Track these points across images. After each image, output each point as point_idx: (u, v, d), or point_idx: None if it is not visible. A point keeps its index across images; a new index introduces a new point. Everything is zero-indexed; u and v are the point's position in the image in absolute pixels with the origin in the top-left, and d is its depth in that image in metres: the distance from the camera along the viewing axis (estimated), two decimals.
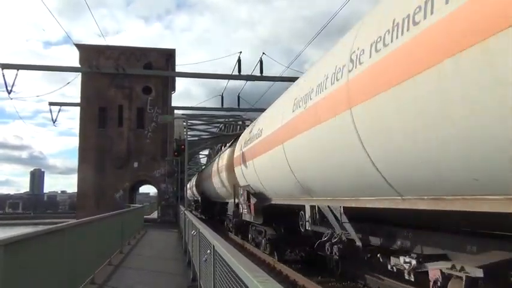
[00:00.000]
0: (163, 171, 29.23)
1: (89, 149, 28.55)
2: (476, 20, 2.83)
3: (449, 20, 3.14)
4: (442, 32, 3.21)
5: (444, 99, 3.26)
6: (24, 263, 4.69)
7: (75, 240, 6.82)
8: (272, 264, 11.09)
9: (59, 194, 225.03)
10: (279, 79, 27.51)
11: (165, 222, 27.80)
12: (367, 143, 4.75)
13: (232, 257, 3.16)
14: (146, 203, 48.95)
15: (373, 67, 4.37)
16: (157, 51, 31.35)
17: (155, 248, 14.40)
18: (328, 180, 6.55)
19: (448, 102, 3.22)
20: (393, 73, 3.89)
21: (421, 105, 3.56)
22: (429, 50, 3.38)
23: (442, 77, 3.22)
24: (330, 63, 5.86)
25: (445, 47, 3.16)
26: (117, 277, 8.94)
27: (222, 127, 41.82)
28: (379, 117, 4.34)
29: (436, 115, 3.42)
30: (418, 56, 3.52)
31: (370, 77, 4.43)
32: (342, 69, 5.19)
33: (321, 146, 6.16)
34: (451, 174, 3.59)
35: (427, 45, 3.41)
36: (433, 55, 3.30)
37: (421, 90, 3.48)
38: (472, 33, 2.86)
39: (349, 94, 4.91)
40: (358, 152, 4.90)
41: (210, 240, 4.69)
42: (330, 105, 5.56)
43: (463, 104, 3.07)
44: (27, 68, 29.11)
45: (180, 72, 33.20)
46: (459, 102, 3.11)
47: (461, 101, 3.08)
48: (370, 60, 4.44)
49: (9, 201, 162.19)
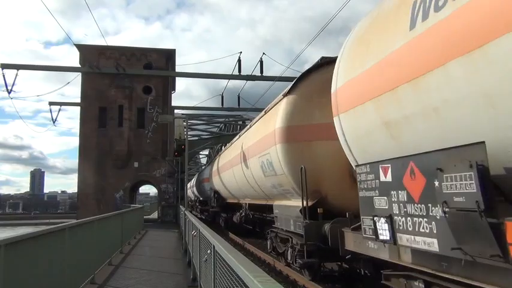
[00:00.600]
0: (164, 171, 29.25)
1: (89, 149, 28.57)
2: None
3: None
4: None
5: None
6: (24, 263, 4.69)
7: (75, 240, 6.82)
8: (272, 264, 11.09)
9: (59, 194, 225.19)
10: (278, 79, 27.51)
11: (166, 222, 27.83)
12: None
13: (233, 257, 3.15)
14: (146, 203, 49.00)
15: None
16: (157, 51, 31.37)
17: (155, 248, 14.40)
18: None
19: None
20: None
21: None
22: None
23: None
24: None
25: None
26: (118, 277, 8.94)
27: (222, 127, 41.86)
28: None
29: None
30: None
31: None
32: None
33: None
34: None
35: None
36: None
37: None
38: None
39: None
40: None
41: (210, 241, 4.68)
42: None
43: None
44: (27, 68, 29.16)
45: (180, 72, 33.25)
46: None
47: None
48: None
49: (10, 201, 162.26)
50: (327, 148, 6.99)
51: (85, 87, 29.32)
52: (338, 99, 5.29)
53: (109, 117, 29.14)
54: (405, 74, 3.54)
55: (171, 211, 28.88)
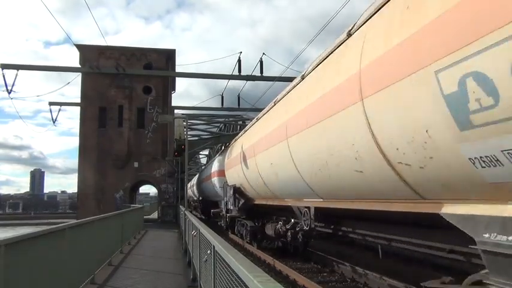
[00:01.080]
0: (164, 171, 29.25)
1: (89, 149, 28.58)
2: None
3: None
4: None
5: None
6: (24, 263, 4.69)
7: (75, 240, 6.82)
8: (272, 264, 11.10)
9: (59, 194, 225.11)
10: (278, 79, 27.52)
11: (165, 222, 27.83)
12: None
13: (233, 257, 3.16)
14: (146, 203, 49.02)
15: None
16: (157, 51, 31.38)
17: (155, 248, 14.40)
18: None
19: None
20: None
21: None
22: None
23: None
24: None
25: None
26: (118, 277, 8.94)
27: (222, 127, 41.84)
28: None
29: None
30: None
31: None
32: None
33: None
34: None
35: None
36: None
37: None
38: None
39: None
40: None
41: (210, 241, 4.68)
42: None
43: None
44: (27, 68, 29.16)
45: (180, 72, 33.27)
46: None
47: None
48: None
49: (10, 201, 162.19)
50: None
51: (85, 87, 29.33)
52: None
53: (109, 117, 29.14)
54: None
55: (171, 211, 28.89)
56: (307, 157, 6.49)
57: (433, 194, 3.91)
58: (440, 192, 3.75)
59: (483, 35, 2.64)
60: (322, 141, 5.67)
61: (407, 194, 4.18)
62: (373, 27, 4.47)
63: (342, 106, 4.77)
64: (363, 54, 4.35)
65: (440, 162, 3.43)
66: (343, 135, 4.93)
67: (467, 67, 2.78)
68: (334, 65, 5.51)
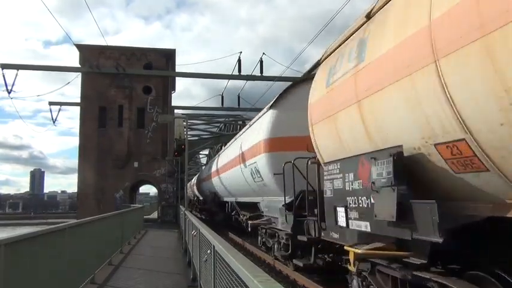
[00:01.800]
0: (164, 171, 29.25)
1: (89, 149, 28.57)
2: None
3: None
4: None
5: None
6: (24, 263, 4.69)
7: (75, 240, 6.82)
8: (272, 264, 11.09)
9: (59, 194, 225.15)
10: (278, 79, 27.53)
11: (166, 222, 27.81)
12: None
13: (233, 257, 3.16)
14: (146, 203, 49.04)
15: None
16: (157, 51, 31.38)
17: (155, 248, 14.41)
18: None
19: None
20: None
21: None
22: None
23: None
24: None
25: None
26: (118, 277, 8.95)
27: (222, 127, 41.86)
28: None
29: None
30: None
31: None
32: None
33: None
34: None
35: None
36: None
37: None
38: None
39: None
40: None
41: (210, 241, 4.69)
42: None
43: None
44: (27, 68, 29.18)
45: (180, 72, 33.27)
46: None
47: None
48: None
49: (10, 201, 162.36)
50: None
51: (85, 87, 29.33)
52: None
53: (109, 117, 29.14)
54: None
55: (171, 211, 28.88)
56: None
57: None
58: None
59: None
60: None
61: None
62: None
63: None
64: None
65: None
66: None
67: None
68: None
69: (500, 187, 2.97)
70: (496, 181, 2.94)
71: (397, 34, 3.71)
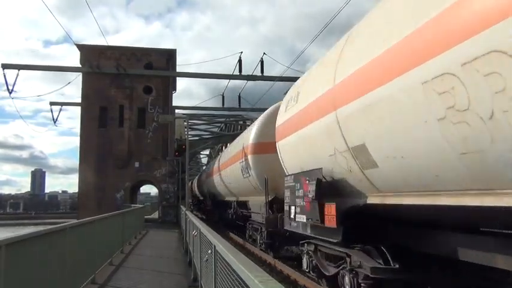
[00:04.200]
0: (164, 171, 29.25)
1: (90, 149, 28.58)
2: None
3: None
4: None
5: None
6: (25, 263, 4.69)
7: (76, 240, 6.82)
8: (273, 264, 11.10)
9: (60, 194, 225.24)
10: (279, 79, 27.50)
11: (166, 222, 27.83)
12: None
13: (233, 257, 3.15)
14: (147, 203, 49.04)
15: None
16: (158, 51, 31.38)
17: (156, 248, 14.40)
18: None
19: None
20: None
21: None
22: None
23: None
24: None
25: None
26: (118, 277, 8.95)
27: (223, 127, 41.84)
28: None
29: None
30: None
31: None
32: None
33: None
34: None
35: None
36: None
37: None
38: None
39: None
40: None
41: (211, 241, 4.68)
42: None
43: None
44: (28, 68, 29.14)
45: (180, 72, 33.23)
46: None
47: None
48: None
49: (10, 201, 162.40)
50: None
51: (85, 87, 29.33)
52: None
53: (109, 117, 29.14)
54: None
55: (171, 211, 28.88)
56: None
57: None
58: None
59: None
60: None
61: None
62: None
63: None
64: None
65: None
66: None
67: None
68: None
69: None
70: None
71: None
